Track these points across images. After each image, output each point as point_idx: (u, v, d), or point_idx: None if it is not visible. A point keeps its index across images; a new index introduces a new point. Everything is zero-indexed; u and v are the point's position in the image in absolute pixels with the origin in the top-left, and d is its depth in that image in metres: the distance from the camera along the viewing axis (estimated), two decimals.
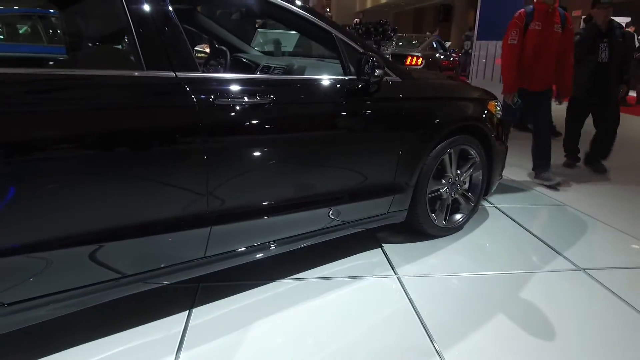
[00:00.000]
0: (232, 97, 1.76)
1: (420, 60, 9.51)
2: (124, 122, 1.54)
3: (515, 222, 3.00)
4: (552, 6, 3.49)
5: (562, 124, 4.42)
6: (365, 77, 2.08)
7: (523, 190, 3.70)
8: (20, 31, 5.88)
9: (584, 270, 2.37)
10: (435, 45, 11.23)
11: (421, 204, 2.48)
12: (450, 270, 2.32)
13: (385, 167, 2.29)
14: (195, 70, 1.72)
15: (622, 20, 8.30)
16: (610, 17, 3.98)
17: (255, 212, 1.90)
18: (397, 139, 2.29)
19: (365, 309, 1.97)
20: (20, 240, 1.41)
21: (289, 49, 4.81)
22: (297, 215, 2.04)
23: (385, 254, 2.47)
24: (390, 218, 2.43)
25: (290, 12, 2.04)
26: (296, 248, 2.11)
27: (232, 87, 1.78)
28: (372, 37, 6.58)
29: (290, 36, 4.86)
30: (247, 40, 3.75)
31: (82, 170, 1.48)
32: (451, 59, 12.41)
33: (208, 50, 4.70)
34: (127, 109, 1.56)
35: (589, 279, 2.29)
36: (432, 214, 2.57)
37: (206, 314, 1.89)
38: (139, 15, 1.61)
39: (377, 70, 2.05)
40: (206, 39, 4.43)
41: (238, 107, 1.77)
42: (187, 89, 1.65)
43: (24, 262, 1.43)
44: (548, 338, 1.81)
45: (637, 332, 1.89)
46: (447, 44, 14.87)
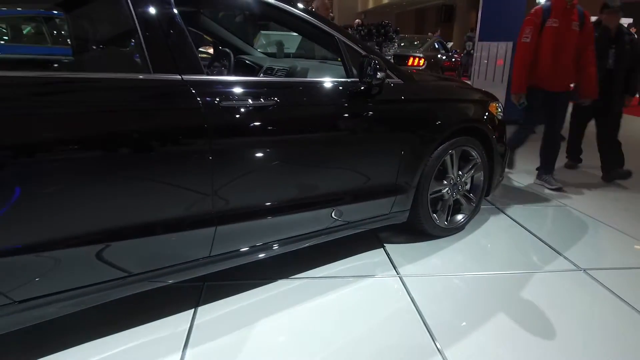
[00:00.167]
0: (237, 100, 1.79)
1: (422, 61, 9.53)
2: (132, 124, 1.58)
3: (517, 223, 3.02)
4: (571, 2, 3.35)
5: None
6: (367, 80, 2.11)
7: (524, 191, 3.72)
8: (25, 32, 5.92)
9: (585, 270, 2.39)
10: (437, 46, 11.25)
11: (423, 205, 2.51)
12: (451, 270, 2.35)
13: (387, 168, 2.32)
14: (201, 73, 1.75)
15: (625, 21, 8.32)
16: (620, 22, 3.87)
17: (259, 213, 1.93)
18: (399, 140, 2.32)
19: (367, 308, 1.99)
20: (31, 239, 1.44)
21: (292, 50, 4.84)
22: (300, 215, 2.07)
23: (388, 253, 2.50)
24: (393, 218, 2.45)
25: (293, 16, 2.07)
26: (299, 248, 2.14)
27: (236, 90, 1.81)
28: (374, 38, 6.60)
29: (293, 38, 4.89)
30: (250, 42, 3.78)
31: (90, 171, 1.51)
32: (453, 59, 12.44)
33: (211, 51, 4.74)
34: (135, 112, 1.59)
35: (590, 280, 2.31)
36: (433, 215, 2.59)
37: (211, 312, 1.92)
38: (146, 19, 1.65)
39: (379, 73, 2.08)
40: (209, 40, 4.47)
41: (243, 109, 1.80)
42: (193, 91, 1.68)
43: (35, 261, 1.46)
44: (548, 338, 1.83)
45: (637, 332, 1.91)
46: (449, 44, 14.88)
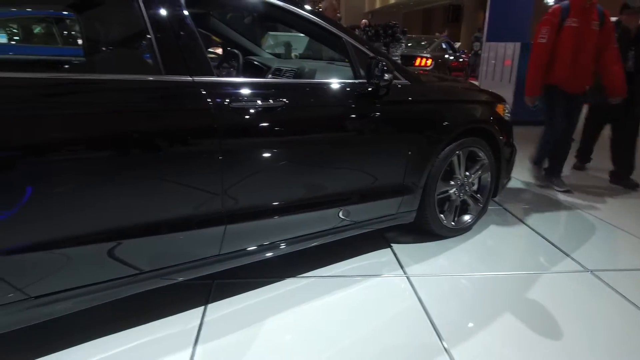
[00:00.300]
0: (246, 101, 1.81)
1: (429, 62, 9.52)
2: (144, 125, 1.61)
3: (524, 224, 3.02)
4: (590, 1, 3.23)
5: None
6: (375, 81, 2.13)
7: (532, 192, 3.72)
8: (37, 32, 5.99)
9: (592, 271, 2.40)
10: (444, 46, 11.23)
11: (430, 205, 2.52)
12: (458, 271, 2.36)
13: (394, 169, 2.34)
14: (211, 74, 1.78)
15: None
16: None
17: (268, 212, 1.96)
18: (406, 141, 2.34)
19: (374, 307, 2.01)
20: (46, 236, 1.48)
21: (300, 51, 4.87)
22: (307, 215, 2.10)
23: (395, 253, 2.51)
24: (399, 219, 2.47)
25: (301, 18, 2.10)
26: (306, 247, 2.17)
27: (246, 91, 1.83)
28: (381, 39, 6.61)
29: (301, 39, 4.92)
30: (258, 43, 3.81)
31: (103, 171, 1.55)
32: (460, 60, 12.40)
33: (219, 52, 4.78)
34: (148, 112, 1.63)
35: (597, 281, 2.31)
36: (440, 215, 2.61)
37: (221, 309, 1.95)
38: (157, 21, 1.68)
39: (386, 74, 2.10)
40: (217, 41, 4.51)
41: (252, 110, 1.82)
42: (203, 92, 1.71)
43: (50, 258, 1.50)
44: (555, 338, 1.84)
45: None
46: (457, 44, 14.83)
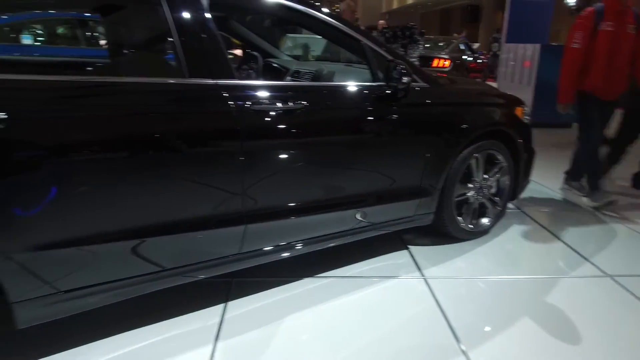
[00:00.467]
0: (267, 103, 1.85)
1: (447, 63, 9.47)
2: (169, 126, 1.66)
3: (542, 227, 3.00)
4: (625, 4, 3.11)
5: None
6: (393, 84, 2.15)
7: (551, 196, 3.68)
8: (63, 34, 6.15)
9: (612, 277, 2.37)
10: (462, 47, 11.16)
11: (448, 208, 2.53)
12: (476, 273, 2.36)
13: (412, 171, 2.35)
14: (232, 77, 1.82)
15: None
16: None
17: (287, 212, 2.00)
18: (424, 143, 2.35)
19: (392, 308, 2.03)
20: (75, 233, 1.54)
21: (317, 53, 4.90)
22: (326, 216, 2.13)
23: (412, 255, 2.53)
24: (417, 221, 2.48)
25: (320, 21, 2.12)
26: (324, 247, 2.20)
27: (266, 94, 1.87)
28: (398, 40, 6.61)
29: (318, 40, 4.96)
30: (277, 44, 3.86)
31: (130, 171, 1.61)
32: (479, 61, 12.30)
33: (237, 53, 4.84)
34: (173, 114, 1.68)
35: (616, 286, 2.28)
36: (458, 218, 2.61)
37: (240, 307, 1.99)
38: (182, 24, 1.73)
39: (404, 77, 2.12)
40: (236, 43, 4.57)
41: (272, 113, 1.86)
42: (225, 95, 1.76)
43: (78, 254, 1.56)
44: (573, 343, 1.83)
45: None
46: (475, 45, 14.71)
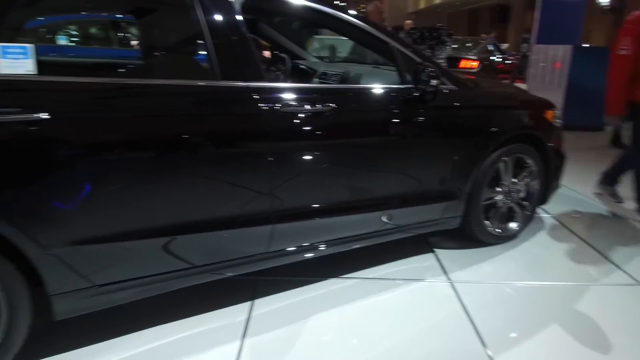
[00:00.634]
0: (295, 105, 1.87)
1: (475, 64, 9.34)
2: (202, 128, 1.71)
3: (573, 233, 2.94)
4: None
5: None
6: (421, 86, 2.14)
7: (582, 201, 3.59)
8: (100, 36, 6.33)
9: None
10: (490, 48, 10.97)
11: (475, 211, 2.50)
12: (504, 278, 2.33)
13: (439, 174, 2.34)
14: (263, 79, 1.85)
15: None
16: None
17: (314, 213, 2.02)
18: (452, 146, 2.34)
19: (417, 311, 2.03)
20: (111, 230, 1.60)
21: (344, 54, 4.92)
22: (352, 217, 2.14)
23: (438, 258, 2.51)
24: (444, 224, 2.47)
25: (348, 24, 2.13)
26: (350, 248, 2.21)
27: (295, 96, 1.89)
28: (426, 41, 6.56)
29: (345, 42, 4.97)
30: (304, 46, 3.88)
31: (163, 171, 1.66)
32: (507, 62, 12.07)
33: (265, 55, 4.90)
34: (206, 116, 1.72)
35: None
36: (486, 222, 2.58)
37: (267, 305, 2.02)
38: (215, 27, 1.76)
39: (433, 80, 2.11)
40: (264, 45, 4.63)
41: (300, 115, 1.88)
42: (256, 97, 1.79)
43: (113, 250, 1.62)
44: (603, 352, 1.79)
45: None
46: (504, 46, 14.44)
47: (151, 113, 1.63)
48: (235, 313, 1.96)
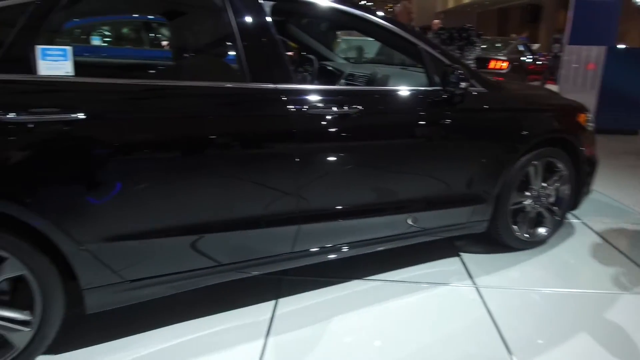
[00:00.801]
0: (323, 107, 1.88)
1: (505, 64, 9.14)
2: (231, 128, 1.74)
3: (604, 239, 2.85)
4: None
5: None
6: (450, 89, 2.12)
7: (613, 207, 3.48)
8: (131, 36, 6.49)
9: None
10: (521, 48, 10.72)
11: (503, 216, 2.46)
12: (531, 285, 2.28)
13: (467, 178, 2.31)
14: (291, 81, 1.87)
15: None
16: None
17: (340, 214, 2.02)
18: (481, 149, 2.31)
19: (442, 315, 2.01)
20: (142, 227, 1.65)
21: (371, 55, 4.90)
22: (378, 219, 2.14)
23: (463, 262, 2.48)
24: (471, 228, 2.43)
25: (376, 25, 2.13)
26: (375, 250, 2.21)
27: (323, 98, 1.91)
28: (455, 42, 6.47)
29: (372, 43, 4.95)
30: (331, 47, 3.89)
31: (193, 170, 1.69)
32: (538, 62, 11.77)
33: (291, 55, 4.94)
34: (236, 117, 1.76)
35: None
36: (514, 226, 2.53)
37: (290, 305, 2.04)
38: (245, 30, 1.79)
39: (462, 82, 2.09)
40: (291, 46, 4.66)
41: (328, 117, 1.89)
42: (284, 99, 1.81)
43: (143, 247, 1.67)
44: None
45: None
46: (535, 46, 14.09)
47: (181, 114, 1.67)
48: (260, 312, 1.98)
